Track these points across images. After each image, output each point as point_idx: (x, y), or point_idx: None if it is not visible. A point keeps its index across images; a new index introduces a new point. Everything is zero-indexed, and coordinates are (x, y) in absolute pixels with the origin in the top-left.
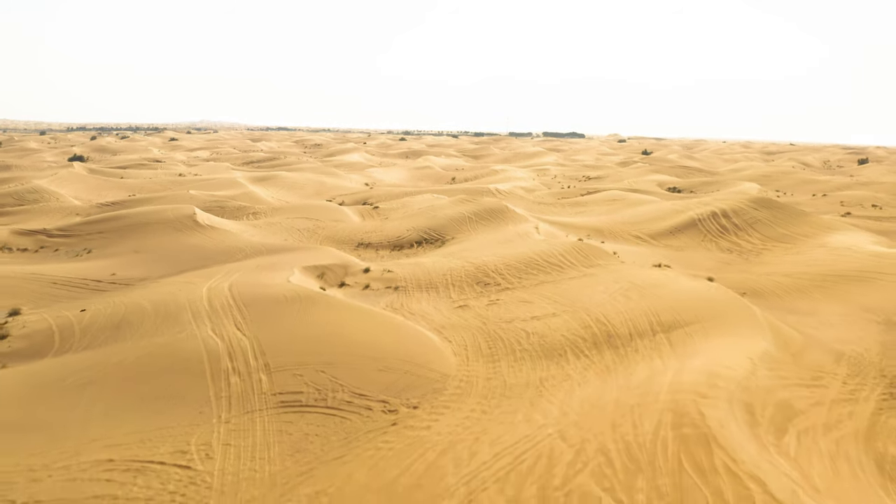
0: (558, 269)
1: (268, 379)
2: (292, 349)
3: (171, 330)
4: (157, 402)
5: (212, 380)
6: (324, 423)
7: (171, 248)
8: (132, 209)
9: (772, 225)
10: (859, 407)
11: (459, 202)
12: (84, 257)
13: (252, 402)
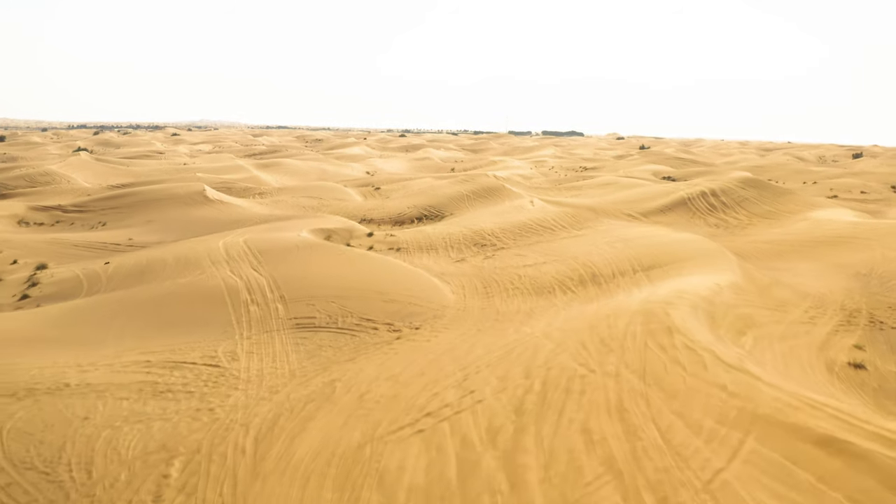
0: (550, 231)
1: (283, 307)
2: (305, 285)
3: (191, 273)
4: (183, 325)
5: (233, 308)
6: (335, 338)
7: (184, 219)
8: (143, 187)
9: (758, 203)
10: (816, 328)
11: (458, 182)
12: (99, 229)
13: (270, 324)
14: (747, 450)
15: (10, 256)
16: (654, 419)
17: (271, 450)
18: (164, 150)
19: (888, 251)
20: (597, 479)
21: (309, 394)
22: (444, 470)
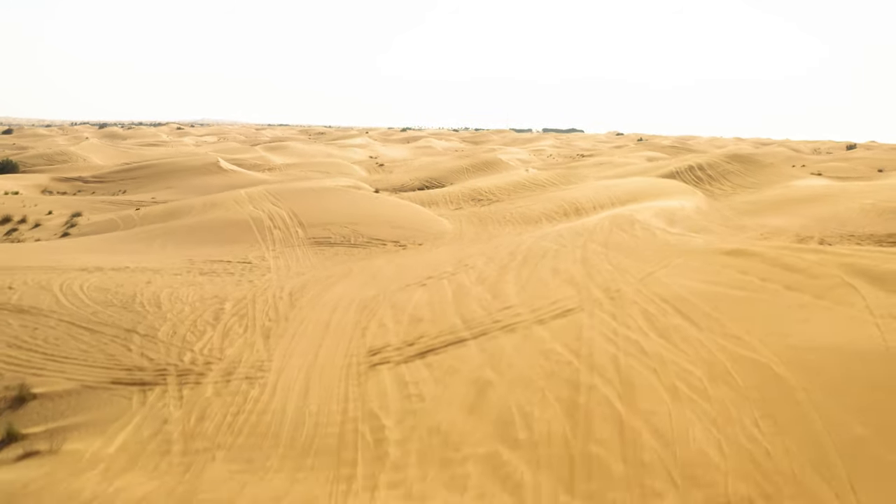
0: (542, 187)
1: (302, 231)
2: (320, 216)
3: (218, 211)
4: (215, 243)
5: (258, 232)
6: (348, 250)
7: (200, 185)
8: (160, 160)
9: (742, 175)
10: (768, 241)
11: (457, 158)
12: (120, 196)
13: (292, 242)
14: (676, 263)
15: (45, 209)
16: (608, 260)
17: (303, 298)
18: (170, 140)
19: (851, 203)
20: (558, 287)
21: (329, 275)
22: (442, 297)
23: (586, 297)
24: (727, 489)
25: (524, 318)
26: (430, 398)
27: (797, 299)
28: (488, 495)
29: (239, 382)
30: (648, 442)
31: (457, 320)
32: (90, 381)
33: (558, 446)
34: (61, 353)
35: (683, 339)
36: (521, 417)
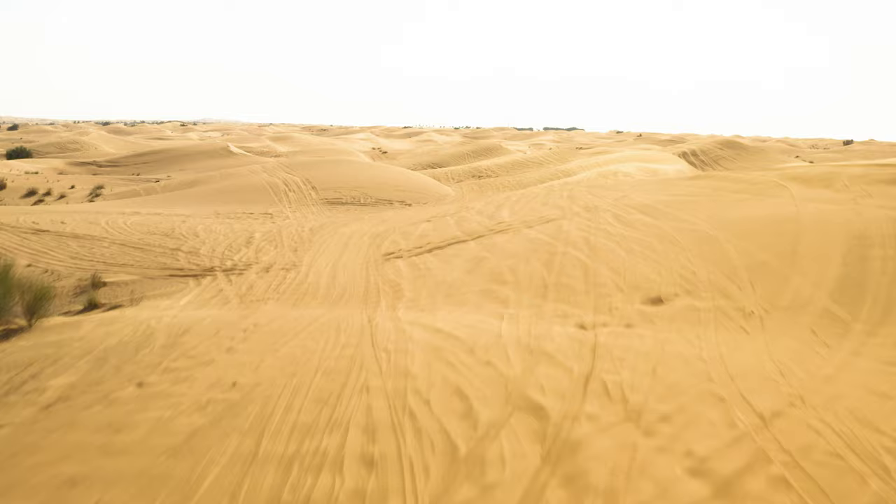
0: (539, 164)
1: (315, 193)
2: (332, 181)
3: (236, 180)
4: (237, 203)
5: (275, 194)
6: (359, 208)
7: (212, 166)
8: (171, 146)
9: (734, 160)
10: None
11: (459, 144)
12: (135, 177)
13: (306, 201)
14: (647, 188)
15: (67, 184)
16: (590, 193)
17: (322, 232)
18: (175, 136)
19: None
20: (545, 210)
21: (344, 221)
22: (446, 225)
23: (568, 212)
24: (660, 290)
25: (515, 226)
26: (436, 269)
27: (739, 197)
28: (482, 305)
29: (276, 272)
30: (605, 274)
31: (458, 233)
32: (149, 275)
33: (536, 281)
34: (119, 261)
35: (642, 225)
36: (508, 271)
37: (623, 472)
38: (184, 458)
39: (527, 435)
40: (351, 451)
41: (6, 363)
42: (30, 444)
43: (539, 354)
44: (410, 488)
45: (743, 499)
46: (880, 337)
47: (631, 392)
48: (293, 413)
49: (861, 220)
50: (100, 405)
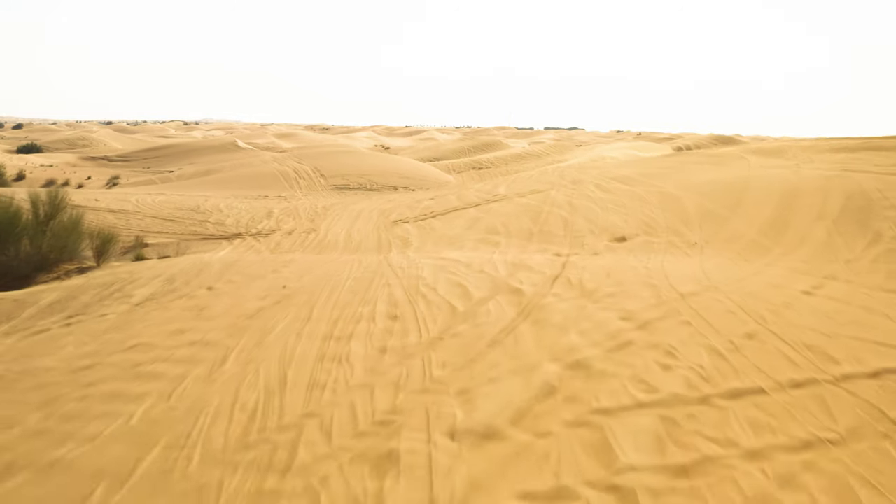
0: (538, 157)
1: (324, 180)
2: (339, 170)
3: (248, 169)
4: (251, 188)
5: (286, 181)
6: (365, 192)
7: (221, 160)
8: (180, 141)
9: None
10: None
11: (459, 140)
12: (147, 169)
13: (316, 188)
14: (628, 164)
15: (83, 175)
16: (578, 171)
17: (335, 209)
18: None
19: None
20: (537, 184)
21: (353, 201)
22: (447, 199)
23: (556, 185)
24: (625, 232)
25: (509, 196)
26: (439, 228)
27: (704, 167)
28: (478, 248)
29: (298, 234)
30: (581, 224)
31: (458, 203)
32: (185, 239)
33: (524, 231)
34: (154, 230)
35: (618, 190)
36: (501, 226)
37: (573, 318)
38: (257, 320)
39: (507, 303)
40: (379, 312)
41: (93, 284)
42: (136, 319)
43: (521, 266)
44: (424, 328)
45: (656, 330)
46: (792, 256)
47: (587, 283)
48: (333, 298)
49: (797, 178)
50: (181, 300)
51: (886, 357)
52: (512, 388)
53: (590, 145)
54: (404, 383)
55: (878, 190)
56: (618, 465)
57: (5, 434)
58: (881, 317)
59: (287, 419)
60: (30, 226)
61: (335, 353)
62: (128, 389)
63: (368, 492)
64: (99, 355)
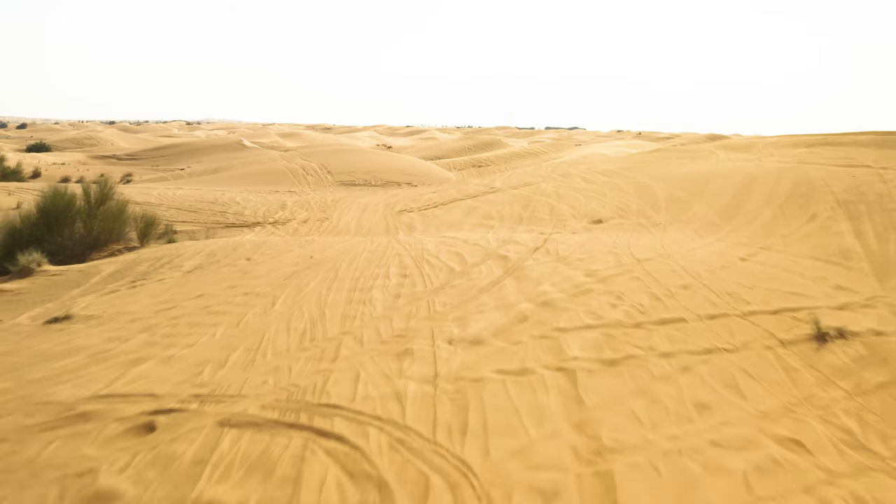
0: (535, 155)
1: (331, 177)
2: (345, 167)
3: (257, 166)
4: (261, 184)
5: (294, 178)
6: (370, 188)
7: (228, 158)
8: (186, 140)
9: None
10: None
11: (460, 139)
12: (156, 168)
13: (323, 184)
14: (614, 160)
15: (96, 173)
16: (568, 167)
17: (343, 202)
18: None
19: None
20: (529, 178)
21: (360, 195)
22: (448, 192)
23: (547, 178)
24: (601, 216)
25: (504, 189)
26: (441, 215)
27: (681, 161)
28: (475, 230)
29: (313, 222)
30: (565, 210)
31: (458, 195)
32: (209, 227)
33: (515, 216)
34: (179, 219)
35: (601, 182)
36: (495, 212)
37: (547, 274)
38: (293, 279)
39: (496, 265)
40: (392, 272)
41: (145, 258)
42: (192, 280)
43: (509, 241)
44: (428, 281)
45: (611, 283)
46: (740, 233)
47: (562, 252)
48: (354, 264)
49: (756, 170)
50: (227, 268)
51: (788, 301)
52: (495, 316)
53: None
54: (414, 314)
55: (822, 179)
56: (565, 357)
57: (124, 344)
58: (796, 275)
59: (329, 335)
60: (83, 211)
61: (360, 298)
62: (204, 321)
63: (392, 370)
64: (173, 302)
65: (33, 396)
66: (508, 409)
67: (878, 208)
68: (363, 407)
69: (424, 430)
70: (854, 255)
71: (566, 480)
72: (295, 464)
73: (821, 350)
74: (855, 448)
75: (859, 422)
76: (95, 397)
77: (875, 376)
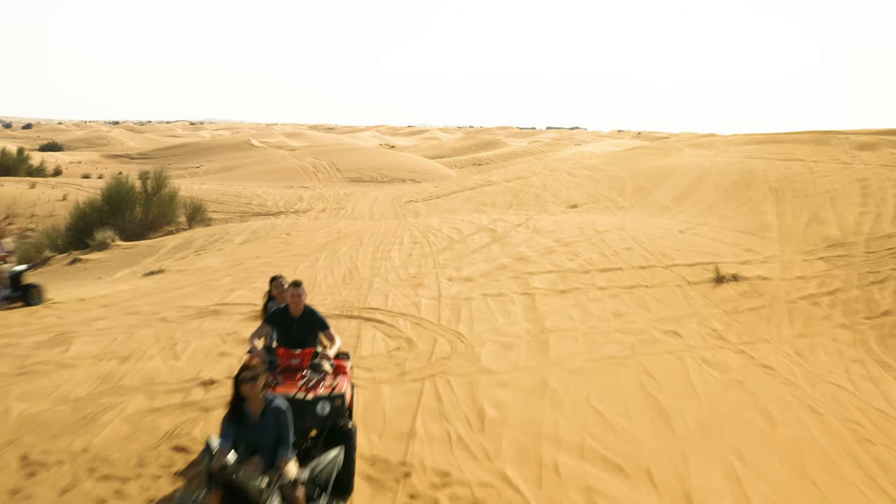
0: (532, 154)
1: (340, 174)
2: (353, 164)
3: (269, 164)
4: (276, 181)
5: (306, 174)
6: (377, 184)
7: (237, 157)
8: (196, 139)
9: None
10: None
11: (461, 139)
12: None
13: (333, 180)
14: (597, 155)
15: (115, 170)
16: (558, 163)
17: (354, 195)
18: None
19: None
20: (522, 172)
21: (369, 189)
22: (448, 184)
23: (537, 173)
24: (577, 202)
25: (499, 182)
26: (442, 204)
27: (652, 157)
28: (471, 213)
29: (330, 211)
30: (548, 197)
31: (458, 188)
32: (238, 215)
33: (506, 203)
34: (210, 209)
35: (582, 175)
36: (490, 201)
37: (524, 241)
38: (328, 247)
39: (486, 235)
40: (405, 241)
41: (200, 235)
42: (246, 248)
43: (499, 220)
44: (433, 246)
45: (572, 246)
46: (686, 213)
47: (539, 227)
48: (374, 237)
49: (711, 164)
50: (272, 240)
51: (705, 258)
52: (482, 266)
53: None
54: (423, 265)
55: (762, 171)
56: (529, 287)
57: (216, 282)
58: (718, 242)
59: (363, 277)
60: (141, 197)
61: (382, 256)
62: (267, 270)
63: (410, 293)
64: (239, 260)
65: (176, 303)
66: (487, 311)
67: (800, 194)
68: (393, 308)
69: (433, 319)
70: (770, 228)
71: (519, 341)
72: (355, 330)
73: (716, 288)
74: (714, 338)
75: (725, 326)
76: (217, 304)
77: (749, 303)
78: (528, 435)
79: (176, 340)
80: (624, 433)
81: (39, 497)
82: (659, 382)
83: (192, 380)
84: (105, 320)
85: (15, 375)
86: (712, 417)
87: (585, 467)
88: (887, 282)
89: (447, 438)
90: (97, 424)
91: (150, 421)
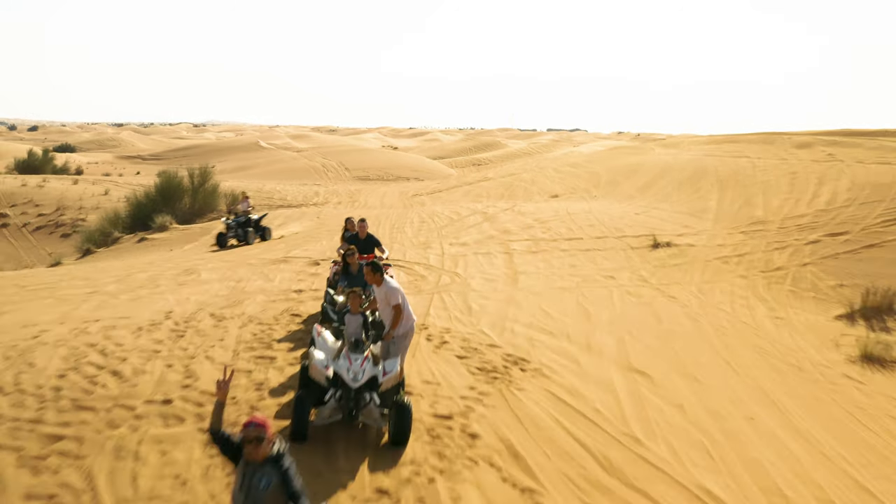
0: (529, 155)
1: (348, 173)
2: (361, 164)
3: (280, 165)
4: (289, 180)
5: (317, 173)
6: (383, 182)
7: (247, 158)
8: (206, 141)
9: None
10: None
11: (461, 140)
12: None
13: (342, 178)
14: (590, 154)
15: (133, 170)
16: (549, 161)
17: (364, 191)
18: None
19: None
20: (518, 170)
21: (376, 187)
22: (450, 181)
23: (529, 170)
24: (557, 192)
25: (495, 179)
26: (444, 196)
27: (627, 156)
28: (469, 202)
29: (345, 203)
30: (535, 190)
31: (458, 184)
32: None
33: (499, 195)
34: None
35: (567, 171)
36: (485, 194)
37: (509, 220)
38: None
39: (479, 216)
40: (414, 221)
41: None
42: (285, 225)
43: (490, 206)
44: (437, 224)
45: (547, 224)
46: (645, 201)
47: (522, 211)
48: (389, 218)
49: (674, 161)
50: (306, 219)
51: (649, 231)
52: (475, 236)
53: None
54: (430, 235)
55: (714, 166)
56: (509, 249)
57: (277, 245)
58: (663, 221)
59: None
60: (189, 189)
61: (397, 230)
62: (305, 243)
63: (420, 252)
64: (286, 234)
65: (253, 257)
66: (477, 262)
67: (741, 185)
68: (410, 259)
69: (437, 265)
70: (709, 211)
71: (498, 278)
72: None
73: (652, 251)
74: (640, 280)
75: (650, 274)
76: (285, 257)
77: (675, 261)
78: (498, 317)
79: (266, 273)
80: (558, 320)
81: (230, 328)
82: (590, 301)
83: (287, 290)
84: (212, 262)
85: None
86: (619, 318)
87: (531, 332)
88: (787, 248)
89: (448, 317)
90: (243, 305)
91: (272, 305)
